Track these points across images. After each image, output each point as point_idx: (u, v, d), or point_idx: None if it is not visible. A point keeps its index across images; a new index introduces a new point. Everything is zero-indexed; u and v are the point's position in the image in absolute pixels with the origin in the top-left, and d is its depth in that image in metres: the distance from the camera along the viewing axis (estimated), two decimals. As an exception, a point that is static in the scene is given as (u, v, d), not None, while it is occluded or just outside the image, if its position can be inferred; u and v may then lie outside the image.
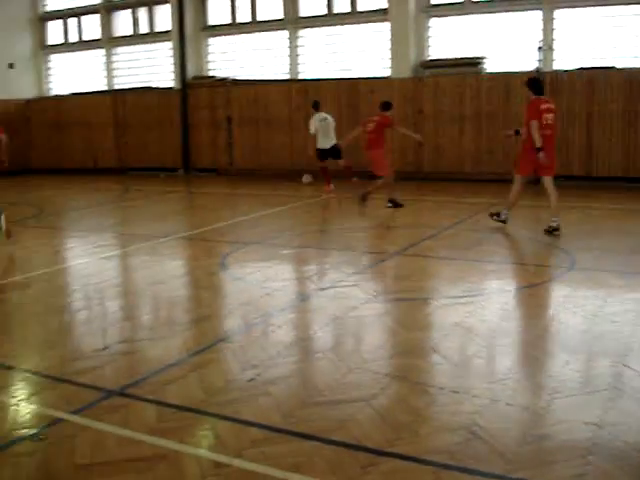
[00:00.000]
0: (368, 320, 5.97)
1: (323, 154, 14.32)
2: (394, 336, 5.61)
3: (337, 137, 14.16)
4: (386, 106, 11.90)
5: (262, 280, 7.44)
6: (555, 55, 14.92)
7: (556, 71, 14.61)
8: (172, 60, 19.26)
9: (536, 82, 9.81)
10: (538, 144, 9.07)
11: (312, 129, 14.25)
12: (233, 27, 18.73)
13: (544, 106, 9.36)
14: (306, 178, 15.86)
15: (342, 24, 17.10)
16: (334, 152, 14.23)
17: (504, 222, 9.82)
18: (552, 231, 9.17)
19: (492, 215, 9.96)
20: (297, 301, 6.77)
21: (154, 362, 5.15)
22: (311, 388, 4.53)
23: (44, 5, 21.92)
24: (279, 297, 6.82)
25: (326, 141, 14.24)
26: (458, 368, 4.79)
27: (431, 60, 16.02)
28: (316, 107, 14.53)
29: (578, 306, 6.14)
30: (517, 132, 9.97)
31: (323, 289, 7.06)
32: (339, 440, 3.77)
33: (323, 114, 14.41)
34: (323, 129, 14.27)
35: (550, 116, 9.38)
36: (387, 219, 11.28)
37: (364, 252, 8.68)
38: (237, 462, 3.58)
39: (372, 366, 4.84)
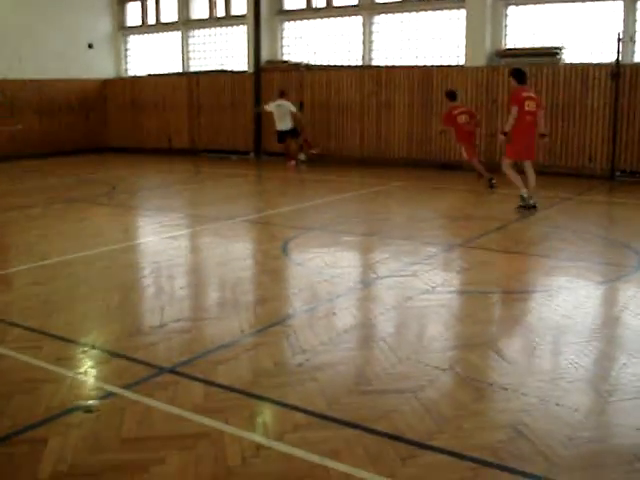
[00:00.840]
0: (424, 311, 5.92)
1: (280, 135, 16.71)
2: (449, 329, 5.56)
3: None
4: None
5: (322, 266, 7.46)
6: (636, 47, 14.44)
7: (637, 64, 14.14)
8: (246, 44, 19.40)
9: (519, 72, 10.74)
10: (507, 128, 10.40)
11: (267, 109, 16.86)
12: (308, 12, 18.73)
13: (525, 94, 10.44)
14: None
15: (417, 11, 16.91)
16: (292, 132, 16.68)
17: (535, 206, 10.47)
18: (526, 207, 10.38)
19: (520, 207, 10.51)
20: (355, 289, 6.76)
21: (207, 342, 5.23)
22: (359, 376, 4.53)
23: (125, -14, 22.39)
24: (337, 284, 6.82)
25: (282, 124, 16.45)
26: (510, 365, 4.71)
27: (507, 49, 15.70)
28: (280, 95, 16.60)
29: (642, 307, 5.96)
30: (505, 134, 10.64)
31: (382, 278, 7.04)
32: (381, 430, 3.76)
33: (279, 101, 16.46)
34: (278, 113, 16.40)
35: (532, 104, 10.42)
36: (452, 210, 11.15)
37: (427, 242, 8.60)
38: (277, 445, 3.61)
39: (423, 358, 4.80)
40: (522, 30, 15.69)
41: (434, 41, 16.82)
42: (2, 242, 9.35)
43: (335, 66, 17.98)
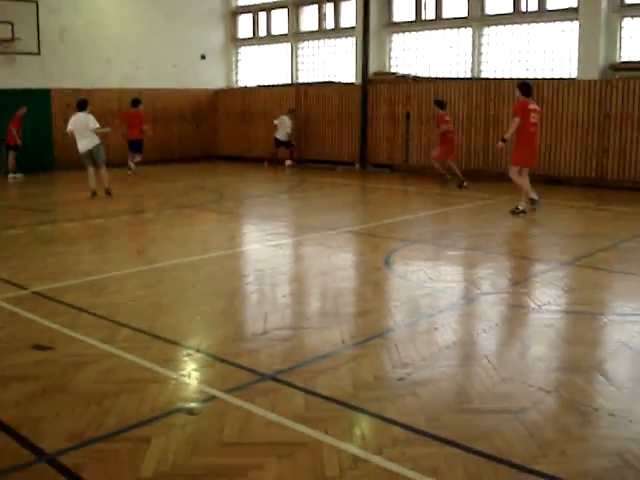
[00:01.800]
0: (529, 330, 5.78)
1: (277, 143, 19.47)
2: (554, 350, 5.40)
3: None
4: None
5: (425, 280, 7.39)
6: None
7: None
8: (354, 55, 19.52)
9: (526, 86, 11.43)
10: (507, 136, 11.33)
11: (274, 121, 19.55)
12: (417, 24, 18.67)
13: (531, 106, 11.20)
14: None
15: (528, 23, 16.58)
16: (286, 144, 19.45)
17: (524, 212, 11.30)
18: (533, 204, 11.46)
19: (513, 212, 11.34)
20: (458, 304, 6.67)
21: (309, 351, 5.28)
22: (460, 394, 4.45)
23: (236, 0, 22.94)
24: (440, 298, 6.75)
25: (281, 134, 19.32)
26: (618, 390, 4.52)
27: (622, 62, 15.17)
28: (288, 111, 19.73)
29: None
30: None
31: (485, 294, 6.91)
32: (481, 450, 3.69)
33: (282, 116, 19.42)
34: (280, 125, 19.28)
35: (536, 115, 11.26)
36: (560, 227, 10.85)
37: (534, 259, 8.40)
38: (376, 459, 3.60)
39: (527, 378, 4.68)
40: (638, 43, 15.12)
41: (545, 53, 16.44)
42: (115, 245, 9.72)
43: (443, 78, 17.85)
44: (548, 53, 16.38)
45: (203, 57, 22.25)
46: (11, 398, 4.40)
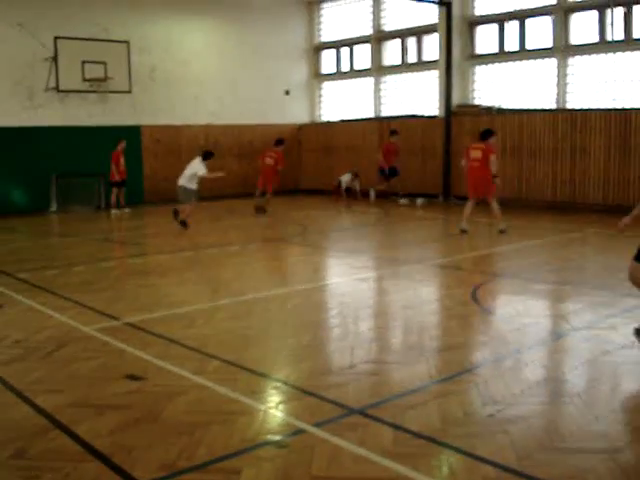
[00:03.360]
0: (623, 367, 5.59)
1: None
2: (650, 387, 5.22)
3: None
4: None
5: (513, 314, 7.27)
6: None
7: None
8: (438, 88, 19.54)
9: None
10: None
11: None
12: (500, 56, 18.58)
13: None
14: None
15: (615, 52, 16.27)
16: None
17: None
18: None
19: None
20: (547, 339, 6.53)
21: (396, 386, 5.25)
22: (552, 432, 4.35)
23: (319, 36, 23.33)
24: (529, 333, 6.62)
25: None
26: None
27: None
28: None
29: None
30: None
31: (576, 329, 6.74)
32: (577, 491, 3.59)
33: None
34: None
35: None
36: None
37: (626, 294, 8.12)
38: (467, 497, 3.54)
39: (621, 417, 4.55)
40: None
41: (633, 83, 16.07)
42: (203, 277, 9.93)
43: (528, 109, 17.65)
44: (635, 82, 16.01)
45: (287, 92, 22.67)
46: (105, 427, 4.53)
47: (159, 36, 19.87)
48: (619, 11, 16.15)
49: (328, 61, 23.29)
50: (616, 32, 16.21)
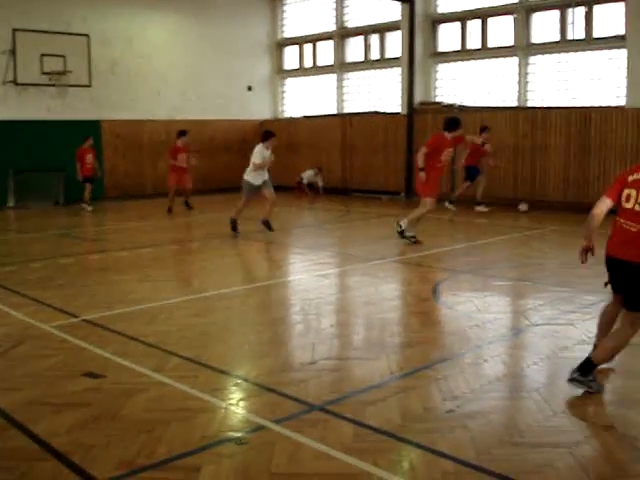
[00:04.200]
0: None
1: None
2: (607, 383, 5.28)
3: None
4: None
5: (473, 311, 7.33)
6: None
7: None
8: (400, 85, 19.62)
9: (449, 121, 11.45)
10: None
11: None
12: (462, 53, 18.72)
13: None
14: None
15: (575, 51, 16.50)
16: None
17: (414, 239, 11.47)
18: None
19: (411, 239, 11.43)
20: (507, 335, 6.60)
21: (357, 381, 5.26)
22: (511, 427, 4.39)
23: (282, 32, 23.29)
24: (489, 329, 6.67)
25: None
26: (676, 425, 4.42)
27: (674, 90, 14.98)
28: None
29: None
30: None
31: (535, 325, 6.82)
32: (535, 485, 3.62)
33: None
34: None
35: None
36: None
37: (584, 290, 8.25)
38: (427, 493, 3.56)
39: (579, 412, 4.61)
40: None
41: (593, 81, 16.31)
42: (164, 274, 9.83)
43: (489, 107, 17.80)
44: (596, 81, 16.25)
45: (250, 88, 22.59)
46: (63, 425, 4.46)
47: (120, 30, 19.63)
48: (580, 10, 16.37)
49: (291, 57, 23.25)
50: (577, 31, 16.43)
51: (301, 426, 4.37)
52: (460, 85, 18.94)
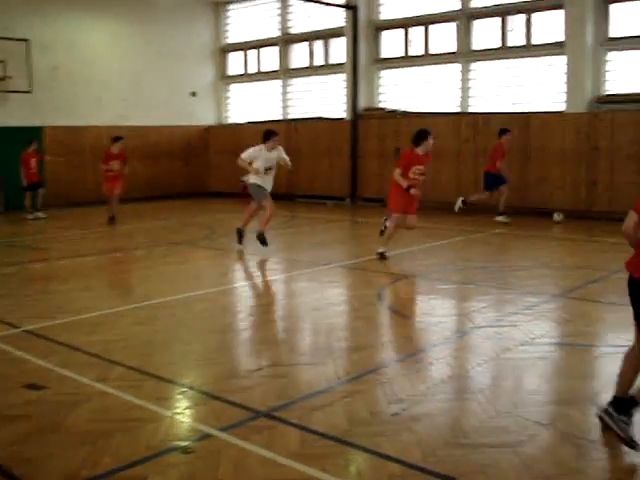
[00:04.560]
0: (523, 363, 5.78)
1: None
2: (548, 382, 5.41)
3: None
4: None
5: (418, 314, 7.42)
6: None
7: None
8: (344, 91, 19.74)
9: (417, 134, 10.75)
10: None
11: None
12: (405, 60, 18.92)
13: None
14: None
15: (515, 57, 16.84)
16: None
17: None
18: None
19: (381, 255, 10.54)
20: (452, 338, 6.68)
21: (303, 387, 5.26)
22: (456, 428, 4.44)
23: (226, 37, 23.22)
24: (434, 332, 6.76)
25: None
26: (615, 422, 4.52)
27: (608, 95, 15.39)
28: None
29: None
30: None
31: (479, 327, 6.93)
32: (479, 485, 3.68)
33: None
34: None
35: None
36: (552, 259, 10.91)
37: (526, 292, 8.42)
38: (373, 496, 3.58)
39: (522, 412, 4.68)
40: (625, 76, 15.37)
41: (533, 87, 16.67)
42: (107, 282, 9.70)
43: (432, 113, 18.03)
44: (536, 87, 16.60)
45: (193, 94, 22.45)
46: (4, 438, 4.37)
47: (62, 35, 19.29)
48: (520, 18, 16.71)
49: (235, 63, 23.19)
50: (517, 38, 16.76)
51: (247, 433, 4.36)
52: (403, 91, 19.14)
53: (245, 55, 22.84)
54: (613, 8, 15.35)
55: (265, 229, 11.44)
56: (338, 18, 19.84)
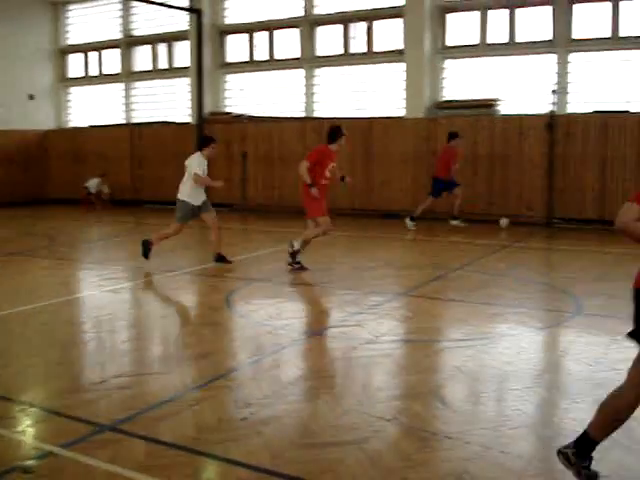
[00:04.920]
0: (368, 361, 5.92)
1: None
2: (393, 378, 5.58)
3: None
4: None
5: (265, 318, 7.42)
6: (569, 98, 15.00)
7: (570, 114, 14.67)
8: (189, 95, 19.53)
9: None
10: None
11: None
12: (250, 65, 18.98)
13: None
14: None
15: (358, 64, 17.31)
16: None
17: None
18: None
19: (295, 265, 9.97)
20: (299, 340, 6.74)
21: (149, 397, 5.13)
22: (303, 429, 4.49)
23: (66, 38, 22.38)
24: (281, 335, 6.79)
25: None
26: (454, 413, 4.73)
27: (445, 101, 16.12)
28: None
29: (581, 353, 6.09)
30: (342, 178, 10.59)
31: (326, 328, 7.04)
32: (327, 484, 3.73)
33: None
34: None
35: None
36: (394, 259, 11.27)
37: (371, 292, 8.65)
38: (221, 503, 3.55)
39: (368, 409, 4.79)
40: (460, 83, 16.17)
41: (375, 93, 17.18)
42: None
43: (277, 118, 18.17)
44: (378, 93, 17.13)
45: (31, 97, 21.45)
46: None
47: None
48: (362, 25, 17.18)
49: (76, 65, 22.38)
50: (359, 45, 17.23)
51: (91, 448, 4.20)
52: (249, 96, 19.18)
53: (86, 57, 22.10)
54: (450, 17, 16.11)
55: (220, 248, 10.69)
56: (182, 21, 19.60)
